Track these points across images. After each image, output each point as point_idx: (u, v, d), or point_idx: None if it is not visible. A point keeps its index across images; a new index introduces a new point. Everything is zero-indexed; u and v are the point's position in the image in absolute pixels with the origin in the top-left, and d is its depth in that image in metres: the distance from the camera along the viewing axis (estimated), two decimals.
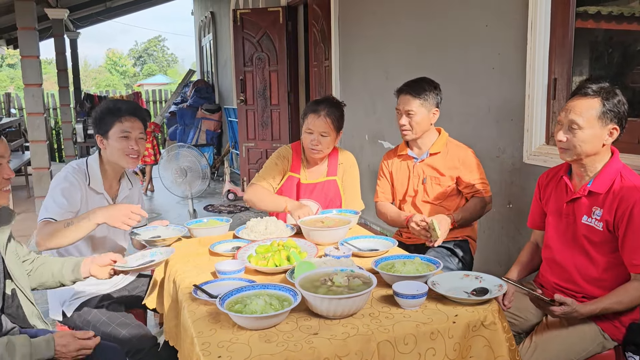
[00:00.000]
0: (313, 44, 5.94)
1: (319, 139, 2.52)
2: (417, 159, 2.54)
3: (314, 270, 1.64)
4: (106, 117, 2.20)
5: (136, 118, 2.23)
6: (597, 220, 1.82)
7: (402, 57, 4.07)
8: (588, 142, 1.79)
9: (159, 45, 41.95)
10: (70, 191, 2.12)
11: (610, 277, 1.83)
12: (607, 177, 1.81)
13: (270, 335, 1.39)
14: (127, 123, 2.20)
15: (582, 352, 1.82)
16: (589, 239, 1.85)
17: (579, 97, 1.80)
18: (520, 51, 2.79)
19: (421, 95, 2.41)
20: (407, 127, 2.45)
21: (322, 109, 2.52)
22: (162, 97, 14.02)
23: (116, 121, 2.19)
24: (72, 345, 1.58)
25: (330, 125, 2.52)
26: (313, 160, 2.66)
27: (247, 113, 6.98)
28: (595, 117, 1.77)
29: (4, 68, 34.88)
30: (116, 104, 2.25)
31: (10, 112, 11.96)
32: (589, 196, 1.85)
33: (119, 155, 2.20)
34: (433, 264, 1.77)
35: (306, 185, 2.67)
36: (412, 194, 2.55)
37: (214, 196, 7.18)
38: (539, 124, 2.73)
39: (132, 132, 2.21)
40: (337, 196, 2.69)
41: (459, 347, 1.47)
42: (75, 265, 1.86)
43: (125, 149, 2.20)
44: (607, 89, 1.78)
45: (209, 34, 10.39)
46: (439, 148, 2.50)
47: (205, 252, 2.12)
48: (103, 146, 2.23)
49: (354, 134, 5.05)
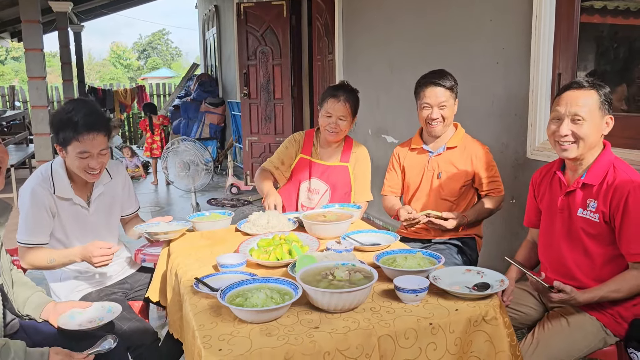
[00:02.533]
0: (317, 37, 5.92)
1: (337, 123, 2.60)
2: (432, 152, 2.51)
3: (315, 264, 1.64)
4: (64, 130, 2.00)
5: (97, 132, 2.01)
6: (592, 212, 1.82)
7: (406, 51, 4.05)
8: (591, 134, 1.78)
9: (163, 38, 41.90)
10: (35, 214, 2.06)
11: (609, 270, 1.83)
12: (600, 168, 1.81)
13: (271, 328, 1.39)
14: (85, 142, 2.00)
15: (584, 348, 1.82)
16: (586, 231, 1.85)
17: (575, 89, 1.79)
18: (524, 46, 2.78)
19: (450, 85, 2.38)
20: (439, 120, 2.40)
21: (341, 94, 2.61)
22: (166, 91, 14.03)
23: (73, 139, 1.99)
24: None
25: (349, 109, 2.60)
26: (327, 144, 2.72)
27: (251, 107, 6.97)
28: (597, 108, 1.77)
29: (8, 61, 34.92)
30: (72, 116, 1.98)
31: (14, 105, 12.00)
32: (583, 188, 1.85)
33: (79, 171, 2.08)
34: (435, 259, 1.77)
35: (318, 165, 2.72)
36: (426, 189, 2.51)
37: (218, 190, 7.19)
38: (543, 119, 2.72)
39: (92, 150, 2.02)
40: (347, 182, 2.71)
41: (460, 342, 1.47)
42: (38, 306, 1.82)
43: (85, 167, 2.06)
44: (598, 81, 1.79)
45: (213, 27, 10.36)
46: (457, 142, 2.47)
47: (207, 245, 2.12)
48: (63, 155, 2.08)
49: (357, 129, 5.04)
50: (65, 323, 1.78)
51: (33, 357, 1.54)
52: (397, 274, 1.64)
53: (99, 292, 2.22)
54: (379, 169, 3.05)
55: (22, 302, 1.82)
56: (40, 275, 3.58)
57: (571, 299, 1.74)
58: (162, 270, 2.16)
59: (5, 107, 12.00)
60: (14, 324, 1.74)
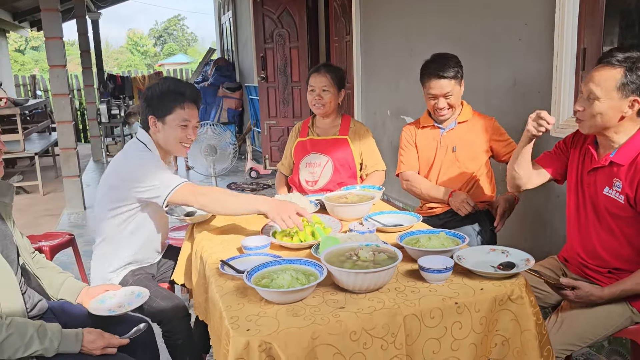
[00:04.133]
0: (334, 18, 5.86)
1: (320, 94, 2.69)
2: (443, 129, 2.53)
3: (339, 245, 1.65)
4: (166, 100, 2.06)
5: (196, 105, 2.11)
6: (618, 193, 1.77)
7: (426, 31, 3.99)
8: (605, 113, 1.73)
9: (178, 24, 41.93)
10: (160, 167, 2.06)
11: (635, 252, 1.80)
12: (632, 149, 1.75)
13: (297, 309, 1.41)
14: (188, 110, 2.07)
15: (610, 326, 1.80)
16: (610, 211, 1.81)
17: (602, 66, 1.74)
18: (548, 21, 2.71)
19: (452, 74, 2.39)
20: (447, 108, 2.46)
21: (322, 68, 2.75)
22: (183, 77, 14.08)
23: (177, 107, 2.06)
24: (99, 342, 1.62)
25: (330, 80, 2.69)
26: (322, 121, 2.81)
27: (268, 90, 6.96)
28: (614, 87, 1.70)
29: (28, 51, 35.34)
30: (179, 86, 2.09)
31: (36, 94, 12.16)
32: (610, 166, 1.80)
33: (174, 143, 2.11)
34: (458, 239, 1.76)
35: (315, 141, 2.78)
36: (441, 164, 2.53)
37: (237, 174, 7.23)
38: (567, 96, 2.66)
39: (192, 120, 2.10)
40: (348, 153, 2.74)
41: (485, 320, 1.47)
42: (73, 291, 1.88)
43: (183, 138, 2.10)
44: (634, 59, 1.69)
45: (229, 11, 10.32)
46: (466, 117, 2.52)
47: (230, 228, 2.14)
48: (156, 129, 2.10)
49: (376, 110, 5.01)
50: (96, 308, 1.83)
51: (68, 337, 1.58)
52: (421, 254, 1.63)
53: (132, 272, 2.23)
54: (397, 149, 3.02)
55: (57, 287, 1.88)
56: (68, 260, 3.67)
57: (589, 295, 1.72)
58: (186, 254, 2.19)
59: (27, 96, 12.17)
60: (42, 305, 1.79)
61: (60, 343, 1.56)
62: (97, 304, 1.85)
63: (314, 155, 2.77)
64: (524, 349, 1.50)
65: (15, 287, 1.62)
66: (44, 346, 1.53)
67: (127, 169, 2.06)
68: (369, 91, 5.16)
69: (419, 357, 1.41)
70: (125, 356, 1.69)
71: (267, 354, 1.28)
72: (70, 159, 5.54)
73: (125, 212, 2.11)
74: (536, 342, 1.50)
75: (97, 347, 1.61)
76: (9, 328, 1.49)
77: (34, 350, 1.52)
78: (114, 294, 1.91)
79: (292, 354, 1.28)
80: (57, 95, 5.40)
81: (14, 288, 1.62)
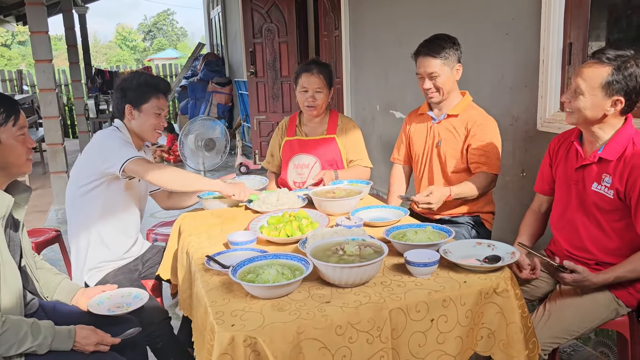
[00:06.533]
0: (323, 13, 5.84)
1: (314, 96, 2.66)
2: (435, 119, 2.44)
3: (325, 240, 1.64)
4: (143, 90, 2.24)
5: (166, 98, 2.33)
6: (607, 188, 1.78)
7: (414, 24, 3.98)
8: (588, 109, 1.74)
9: (168, 19, 41.62)
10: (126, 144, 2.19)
11: (622, 244, 1.81)
12: (619, 144, 1.77)
13: (282, 304, 1.40)
14: (162, 101, 2.28)
15: (596, 319, 1.82)
16: (598, 206, 1.82)
17: (592, 62, 1.74)
18: (534, 15, 2.72)
19: (441, 53, 2.28)
20: (432, 90, 2.33)
21: (313, 67, 2.68)
22: (172, 72, 13.98)
23: (153, 97, 2.25)
24: (92, 337, 1.62)
25: (323, 81, 2.66)
26: (310, 120, 2.77)
27: (258, 85, 6.93)
28: (599, 85, 1.70)
29: (15, 46, 34.91)
30: (154, 79, 2.31)
31: (22, 89, 12.02)
32: (598, 163, 1.81)
33: (149, 130, 2.27)
34: (445, 233, 1.76)
35: (303, 141, 2.76)
36: (428, 158, 2.45)
37: (227, 169, 7.20)
38: (554, 90, 2.67)
39: (164, 109, 2.31)
40: (336, 153, 2.73)
41: (471, 314, 1.47)
42: (69, 292, 1.88)
43: (157, 126, 2.28)
44: (624, 59, 1.69)
45: (218, 6, 10.25)
46: (458, 111, 2.38)
47: (217, 223, 2.13)
48: (132, 117, 2.26)
49: (365, 105, 5.00)
50: (94, 309, 1.82)
51: (61, 334, 1.58)
52: (408, 247, 1.64)
53: (115, 271, 2.24)
54: (388, 145, 3.03)
55: (53, 288, 1.87)
56: (55, 256, 3.64)
57: (585, 280, 1.72)
58: (173, 249, 2.17)
59: (13, 91, 12.03)
60: (33, 304, 1.79)
61: (53, 339, 1.55)
62: (95, 305, 1.84)
63: (302, 156, 2.74)
64: (510, 341, 1.51)
65: (19, 290, 1.62)
66: (37, 342, 1.52)
67: (93, 144, 2.23)
68: (359, 86, 5.15)
69: (404, 351, 1.42)
70: (116, 355, 1.68)
71: (252, 349, 1.28)
72: (57, 155, 5.48)
73: (92, 190, 2.17)
74: (522, 334, 1.51)
75: (90, 342, 1.61)
76: (3, 325, 1.48)
77: (27, 347, 1.51)
78: (111, 294, 1.91)
79: (277, 349, 1.28)
80: (44, 90, 5.34)
81: (18, 290, 1.61)
